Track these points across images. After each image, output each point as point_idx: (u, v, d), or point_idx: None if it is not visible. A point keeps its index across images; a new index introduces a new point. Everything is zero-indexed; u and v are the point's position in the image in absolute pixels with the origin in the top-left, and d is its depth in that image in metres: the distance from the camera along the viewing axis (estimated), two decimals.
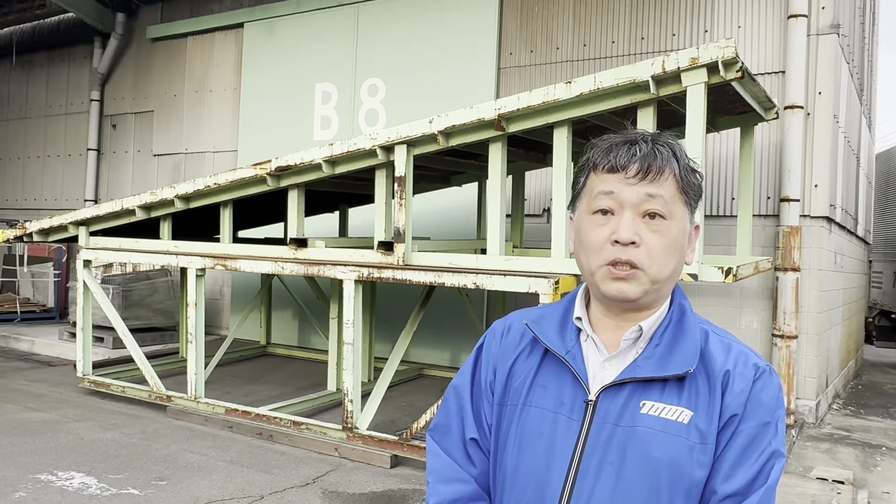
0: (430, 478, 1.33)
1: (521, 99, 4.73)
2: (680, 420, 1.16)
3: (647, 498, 1.14)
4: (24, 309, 11.38)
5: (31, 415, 6.18)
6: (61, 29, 12.71)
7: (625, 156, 1.19)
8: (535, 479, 1.19)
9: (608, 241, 1.19)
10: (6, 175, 13.78)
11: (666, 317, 1.25)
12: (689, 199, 1.23)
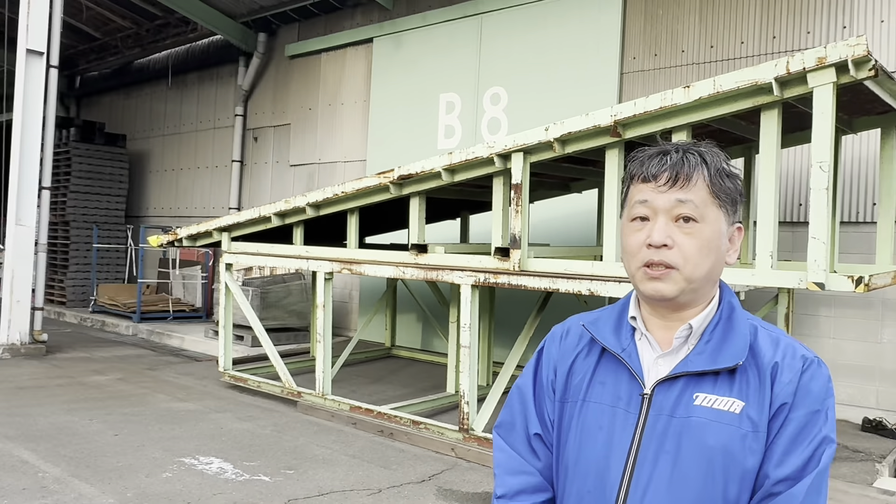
0: (497, 470, 1.43)
1: (637, 104, 4.70)
2: (732, 410, 1.22)
3: (702, 484, 1.20)
4: (175, 308, 12.38)
5: (179, 405, 6.76)
6: (210, 51, 13.75)
7: (656, 166, 1.28)
8: (595, 469, 1.27)
9: (643, 245, 1.28)
10: (163, 185, 15.04)
11: (715, 314, 1.31)
12: (722, 203, 1.29)
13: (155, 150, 15.29)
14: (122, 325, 11.86)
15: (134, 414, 6.29)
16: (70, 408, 6.38)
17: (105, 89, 16.76)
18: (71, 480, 4.52)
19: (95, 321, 12.41)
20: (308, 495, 4.50)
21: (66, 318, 13.04)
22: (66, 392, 7.03)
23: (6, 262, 9.05)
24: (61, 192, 13.92)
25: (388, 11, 10.62)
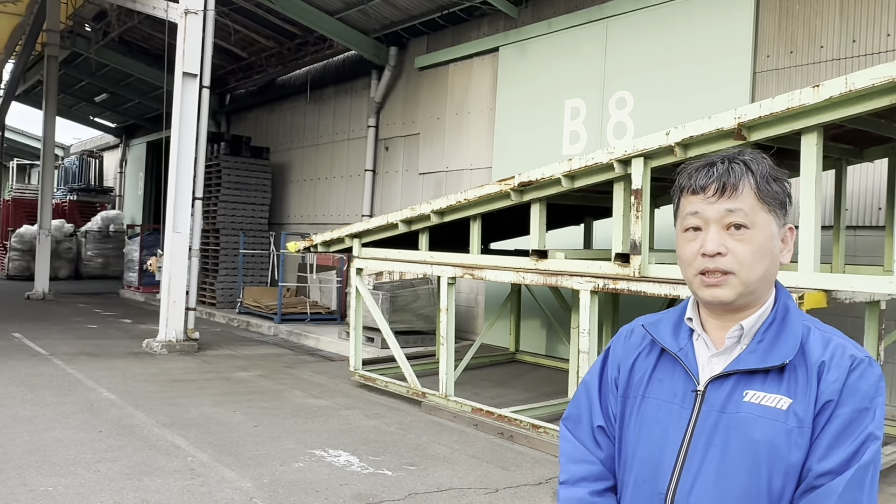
0: (561, 459, 1.54)
1: (762, 106, 4.56)
2: (779, 407, 1.28)
3: (747, 476, 1.26)
4: (312, 310, 13.07)
5: (312, 401, 7.18)
6: (345, 66, 14.44)
7: (703, 178, 1.35)
8: (650, 460, 1.36)
9: (698, 254, 1.34)
10: (302, 194, 15.93)
11: (769, 315, 1.37)
12: (771, 207, 1.35)
13: (295, 161, 16.21)
14: (264, 325, 12.67)
15: (272, 408, 6.75)
16: (216, 400, 6.94)
17: (251, 105, 17.97)
18: (215, 465, 4.95)
19: (241, 321, 13.32)
20: (427, 490, 4.68)
21: (216, 319, 14.08)
22: (214, 386, 7.64)
23: (164, 266, 9.95)
24: (212, 202, 15.05)
25: (514, 20, 10.76)
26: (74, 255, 23.18)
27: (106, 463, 4.83)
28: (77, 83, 21.57)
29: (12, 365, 8.05)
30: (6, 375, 7.47)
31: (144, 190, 24.16)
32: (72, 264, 23.14)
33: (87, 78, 20.77)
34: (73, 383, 7.30)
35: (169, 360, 9.02)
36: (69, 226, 23.24)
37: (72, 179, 27.58)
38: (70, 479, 4.49)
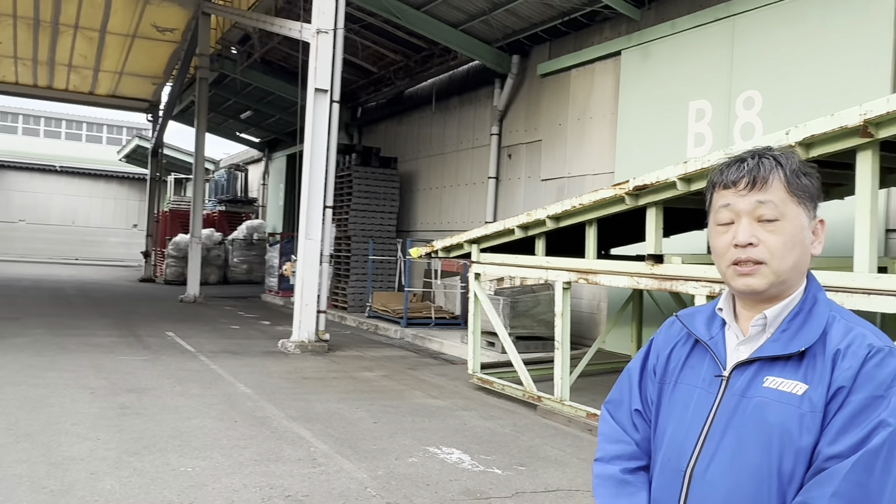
0: (599, 438, 1.63)
1: (889, 101, 4.32)
2: (794, 392, 1.32)
3: (759, 457, 1.32)
4: (437, 315, 13.40)
5: (431, 401, 7.41)
6: (469, 76, 14.73)
7: (734, 173, 1.42)
8: (676, 441, 1.43)
9: (730, 246, 1.41)
10: (428, 202, 16.37)
11: (797, 305, 1.41)
12: (801, 200, 1.40)
13: (422, 170, 16.69)
14: (391, 329, 13.13)
15: (392, 406, 7.04)
16: (341, 397, 7.33)
17: (381, 117, 18.67)
18: (335, 456, 5.26)
19: (370, 325, 13.87)
20: (535, 490, 4.76)
21: (347, 322, 14.73)
22: (340, 384, 8.05)
23: (297, 271, 10.57)
24: (344, 211, 15.78)
25: (636, 23, 10.61)
26: (222, 262, 24.95)
27: (238, 449, 5.26)
28: (225, 102, 23.24)
29: (165, 360, 8.84)
30: (159, 369, 8.22)
31: (284, 200, 25.59)
32: (220, 270, 24.92)
33: (233, 97, 22.33)
34: (214, 378, 7.93)
35: (301, 360, 9.57)
36: (218, 234, 25.02)
37: (221, 191, 29.68)
38: (207, 461, 4.93)
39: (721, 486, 1.33)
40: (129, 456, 4.93)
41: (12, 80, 23.35)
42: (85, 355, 8.80)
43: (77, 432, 5.43)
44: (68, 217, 38.66)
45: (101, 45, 20.23)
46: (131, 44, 20.18)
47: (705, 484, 1.35)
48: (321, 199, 10.61)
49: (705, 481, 1.35)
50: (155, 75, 22.87)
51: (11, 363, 8.01)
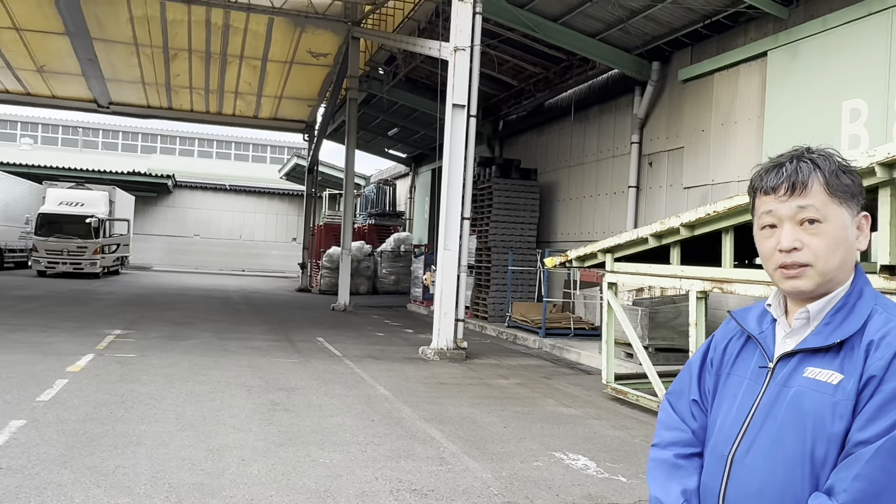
0: (658, 426, 1.70)
1: None
2: (829, 381, 1.38)
3: (794, 443, 1.38)
4: (576, 326, 13.35)
5: (562, 409, 7.46)
6: (608, 84, 14.60)
7: (773, 179, 1.45)
8: (724, 428, 1.51)
9: (776, 250, 1.45)
10: (568, 212, 16.34)
11: (841, 300, 1.45)
12: (842, 199, 1.43)
13: (561, 181, 16.69)
14: (529, 338, 13.23)
15: (523, 413, 7.17)
16: (474, 402, 7.54)
17: (521, 129, 18.87)
18: (462, 456, 5.46)
19: (509, 334, 14.04)
20: None
21: (487, 331, 14.99)
22: (474, 390, 8.28)
23: (437, 281, 10.94)
24: (484, 222, 16.08)
25: (784, 21, 10.14)
26: (372, 273, 26.09)
27: (373, 446, 5.59)
28: (373, 120, 24.35)
29: (313, 363, 9.47)
30: (308, 371, 8.82)
31: (429, 213, 26.39)
32: (370, 281, 26.08)
33: (381, 115, 23.37)
34: (357, 380, 8.40)
35: (439, 366, 9.90)
36: (368, 247, 26.21)
37: (370, 206, 31.05)
38: (343, 455, 5.29)
39: (759, 470, 1.40)
40: (276, 446, 5.39)
41: (188, 108, 25.77)
42: (244, 357, 9.60)
43: (233, 424, 6.00)
44: (236, 231, 41.85)
45: (263, 72, 21.90)
46: (289, 70, 21.69)
47: (744, 468, 1.42)
48: (459, 211, 10.94)
49: (745, 465, 1.42)
50: (310, 98, 24.40)
51: (182, 362, 8.90)
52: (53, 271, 25.50)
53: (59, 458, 4.78)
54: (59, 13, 18.21)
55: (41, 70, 22.10)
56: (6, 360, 8.24)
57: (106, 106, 25.00)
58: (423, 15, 15.22)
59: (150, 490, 4.31)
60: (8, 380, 7.20)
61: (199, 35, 19.42)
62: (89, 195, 27.11)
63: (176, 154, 58.35)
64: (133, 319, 13.30)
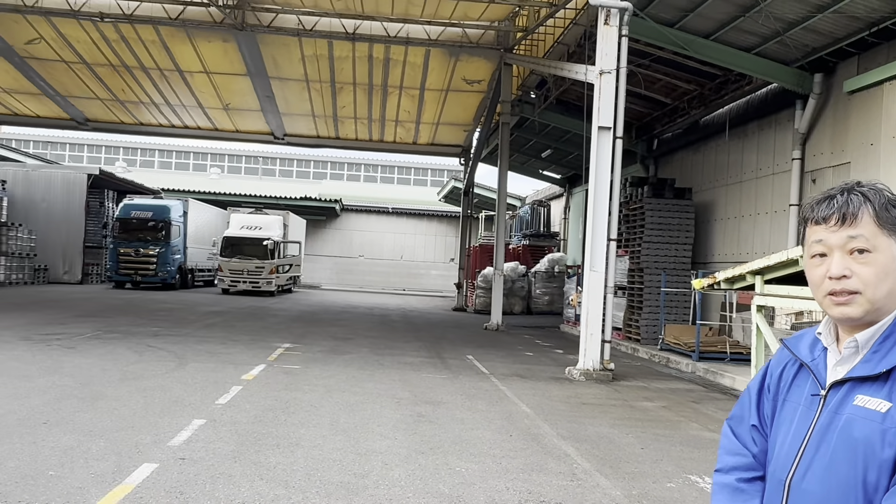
0: (720, 452, 1.77)
1: None
2: (878, 409, 1.43)
3: (847, 469, 1.44)
4: (732, 350, 12.86)
5: (706, 434, 7.33)
6: (767, 99, 14.03)
7: (825, 210, 1.52)
8: (782, 454, 1.58)
9: (825, 278, 1.51)
10: (725, 232, 15.77)
11: (888, 328, 1.50)
12: (892, 231, 1.48)
13: (718, 200, 16.15)
14: (682, 362, 12.91)
15: (663, 435, 7.13)
16: (614, 423, 7.59)
17: (676, 148, 18.46)
18: (594, 473, 5.59)
19: (661, 357, 13.76)
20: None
21: (639, 354, 14.76)
22: (616, 411, 8.30)
23: (583, 301, 11.03)
24: (636, 243, 15.89)
25: None
26: (526, 293, 26.33)
27: (507, 458, 5.85)
28: (527, 143, 24.74)
29: (461, 379, 9.88)
30: (455, 387, 9.24)
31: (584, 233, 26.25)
32: (524, 301, 26.33)
33: (534, 137, 23.73)
34: (500, 397, 8.70)
35: (583, 387, 9.97)
36: (522, 267, 26.50)
37: (525, 226, 31.38)
38: (478, 465, 5.60)
39: (814, 495, 1.48)
40: (417, 454, 5.80)
41: (353, 137, 27.50)
42: (396, 371, 10.20)
43: (380, 432, 6.49)
44: (397, 252, 43.70)
45: (421, 100, 22.99)
46: (445, 97, 22.62)
47: (801, 493, 1.50)
48: (605, 232, 10.99)
49: (801, 490, 1.50)
50: (466, 123, 25.23)
51: (341, 374, 9.62)
52: (235, 289, 27.98)
53: (230, 454, 5.46)
54: (241, 57, 20.23)
55: (226, 108, 24.54)
56: (194, 368, 9.33)
57: (281, 137, 27.25)
58: (572, 39, 15.43)
59: (304, 485, 4.84)
60: (194, 385, 8.18)
61: (362, 69, 20.78)
62: (266, 219, 29.54)
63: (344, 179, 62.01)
64: (300, 334, 14.43)
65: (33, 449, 5.28)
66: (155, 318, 15.74)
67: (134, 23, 18.51)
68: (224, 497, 4.50)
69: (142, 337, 12.23)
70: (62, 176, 29.91)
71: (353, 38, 18.68)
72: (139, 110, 25.56)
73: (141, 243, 27.42)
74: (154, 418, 6.46)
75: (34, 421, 6.10)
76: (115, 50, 20.38)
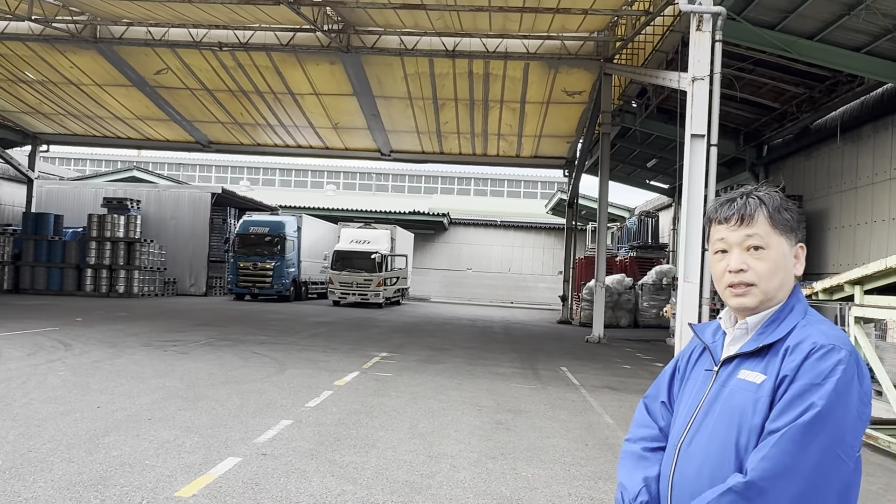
0: (632, 424, 1.97)
1: None
2: (754, 381, 1.65)
3: (725, 433, 1.64)
4: None
5: None
6: (883, 99, 13.24)
7: (726, 211, 1.73)
8: (678, 423, 1.80)
9: (726, 271, 1.72)
10: (840, 241, 14.94)
11: (774, 313, 1.71)
12: (783, 231, 1.70)
13: (832, 207, 15.34)
14: None
15: None
16: None
17: (787, 154, 17.68)
18: None
19: None
20: None
21: None
22: None
23: (677, 313, 10.79)
24: None
25: None
26: (633, 306, 25.77)
27: (577, 466, 5.88)
28: (631, 153, 24.35)
29: (549, 390, 9.90)
30: (541, 396, 9.28)
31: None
32: (630, 314, 25.77)
33: (637, 147, 23.33)
34: (585, 408, 8.67)
35: None
36: (629, 280, 25.97)
37: (632, 238, 30.75)
38: (546, 471, 5.66)
39: (697, 457, 1.67)
40: (487, 459, 5.93)
41: (457, 152, 27.97)
42: (485, 381, 10.34)
43: (456, 437, 6.67)
44: (505, 265, 43.80)
45: (522, 113, 23.13)
46: (546, 109, 22.66)
47: (687, 455, 1.70)
48: (699, 243, 10.71)
49: (687, 454, 1.70)
50: (568, 135, 25.13)
51: (429, 382, 9.88)
52: (345, 301, 28.99)
53: (308, 452, 5.80)
54: (347, 78, 21.12)
55: (335, 127, 25.61)
56: (291, 374, 9.86)
57: (388, 154, 28.10)
58: (669, 46, 15.15)
59: (371, 482, 5.08)
60: (289, 388, 8.66)
61: (462, 85, 21.18)
62: (374, 233, 30.46)
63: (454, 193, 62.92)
64: (399, 344, 14.84)
65: (135, 441, 5.81)
66: (265, 328, 16.64)
67: (249, 50, 19.74)
68: (294, 490, 4.81)
69: (249, 344, 12.99)
70: (189, 195, 32.08)
71: (453, 55, 19.11)
72: (256, 132, 27.10)
73: (258, 257, 28.95)
74: (246, 418, 6.92)
75: (140, 417, 6.70)
76: (233, 76, 21.78)
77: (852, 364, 1.56)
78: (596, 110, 20.29)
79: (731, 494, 1.53)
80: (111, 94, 24.11)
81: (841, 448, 1.51)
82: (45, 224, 27.89)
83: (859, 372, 1.57)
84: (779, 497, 1.49)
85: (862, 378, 1.58)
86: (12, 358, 9.94)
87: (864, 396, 1.56)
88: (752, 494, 1.51)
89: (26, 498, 4.40)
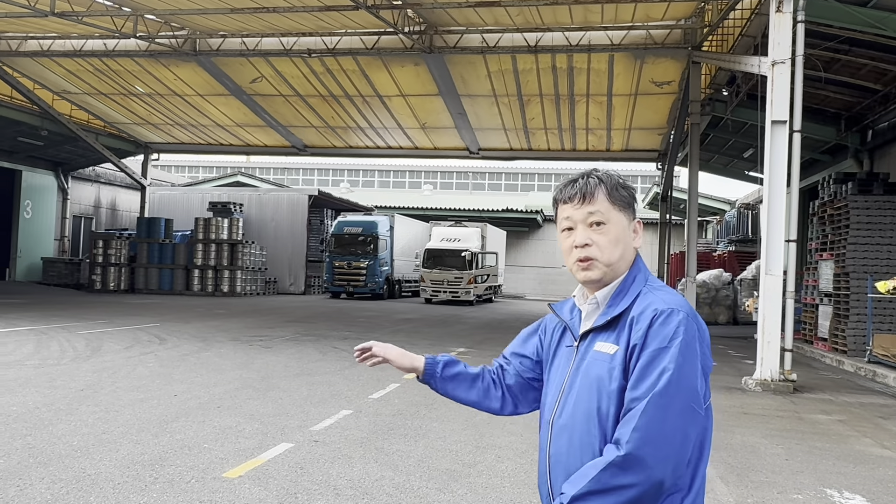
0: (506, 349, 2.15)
1: None
2: (608, 352, 1.76)
3: (587, 402, 1.76)
4: None
5: (876, 450, 6.63)
6: None
7: (569, 191, 1.86)
8: (548, 400, 1.90)
9: (573, 247, 1.84)
10: None
11: (619, 286, 1.83)
12: (621, 207, 1.83)
13: None
14: (890, 376, 11.56)
15: (821, 448, 6.57)
16: (769, 433, 7.11)
17: (893, 138, 16.54)
18: (715, 479, 5.37)
19: (867, 370, 12.42)
20: None
21: (844, 366, 13.41)
22: (779, 422, 7.74)
23: (759, 307, 10.36)
24: (840, 245, 14.48)
25: None
26: (731, 302, 24.79)
27: None
28: (726, 143, 23.43)
29: None
30: None
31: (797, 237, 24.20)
32: (729, 311, 24.79)
33: (732, 137, 22.41)
34: None
35: (754, 397, 9.37)
36: (727, 275, 25.00)
37: (731, 231, 29.58)
38: None
39: (565, 428, 1.78)
40: (534, 450, 5.90)
41: (545, 148, 27.75)
42: None
43: (510, 429, 6.69)
44: None
45: (609, 107, 22.70)
46: (634, 101, 22.15)
47: (558, 428, 1.80)
48: (782, 233, 10.26)
49: (558, 427, 1.80)
50: (659, 126, 24.46)
51: None
52: (437, 299, 29.34)
53: (359, 440, 5.99)
54: (432, 78, 21.39)
55: (423, 127, 25.97)
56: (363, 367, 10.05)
57: (476, 152, 28.23)
58: (756, 30, 14.50)
59: (412, 469, 5.20)
60: (357, 381, 8.92)
61: (547, 80, 21.03)
62: (464, 231, 30.67)
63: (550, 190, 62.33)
64: (479, 340, 14.93)
65: (200, 427, 6.18)
66: (351, 325, 17.12)
67: (336, 55, 20.33)
68: (335, 475, 5.00)
69: (332, 340, 13.42)
70: (287, 197, 33.35)
71: (536, 50, 19.00)
72: (348, 134, 27.86)
73: (352, 257, 29.74)
74: (309, 407, 7.20)
75: (210, 405, 7.10)
76: (323, 81, 22.50)
77: (692, 324, 1.68)
78: (686, 100, 19.66)
79: (612, 468, 1.61)
80: (212, 103, 25.41)
81: (694, 401, 1.64)
82: (157, 228, 29.68)
83: (699, 328, 1.70)
84: (655, 461, 1.59)
85: (702, 335, 1.70)
86: (111, 350, 10.72)
87: (706, 349, 1.71)
88: (632, 464, 1.60)
89: (90, 474, 4.78)
